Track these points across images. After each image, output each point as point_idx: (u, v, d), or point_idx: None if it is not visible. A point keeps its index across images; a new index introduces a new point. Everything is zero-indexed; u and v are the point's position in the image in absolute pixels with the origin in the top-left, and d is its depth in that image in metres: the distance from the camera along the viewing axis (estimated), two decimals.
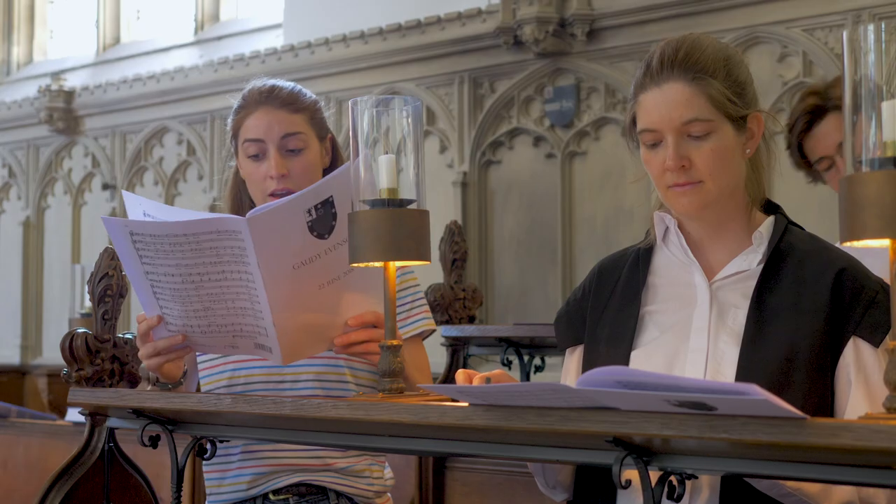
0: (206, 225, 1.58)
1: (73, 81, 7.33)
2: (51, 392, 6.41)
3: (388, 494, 1.98)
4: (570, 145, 5.15)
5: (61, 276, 7.35)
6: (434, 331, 1.97)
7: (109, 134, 7.18)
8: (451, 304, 3.14)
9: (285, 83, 1.94)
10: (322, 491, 1.88)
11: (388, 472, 1.98)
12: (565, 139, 5.15)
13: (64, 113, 7.24)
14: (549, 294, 5.14)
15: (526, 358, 3.08)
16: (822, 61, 4.53)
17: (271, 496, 1.87)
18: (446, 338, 3.15)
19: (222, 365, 1.90)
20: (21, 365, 7.26)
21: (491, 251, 5.32)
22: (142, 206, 1.67)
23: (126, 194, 1.72)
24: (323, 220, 1.60)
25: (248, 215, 1.57)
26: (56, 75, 7.36)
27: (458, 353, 3.19)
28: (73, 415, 4.04)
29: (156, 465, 2.33)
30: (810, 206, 3.84)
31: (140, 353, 1.73)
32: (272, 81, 1.94)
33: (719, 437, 1.16)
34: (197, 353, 1.92)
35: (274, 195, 1.86)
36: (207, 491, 1.94)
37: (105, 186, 7.18)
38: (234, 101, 1.95)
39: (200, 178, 6.76)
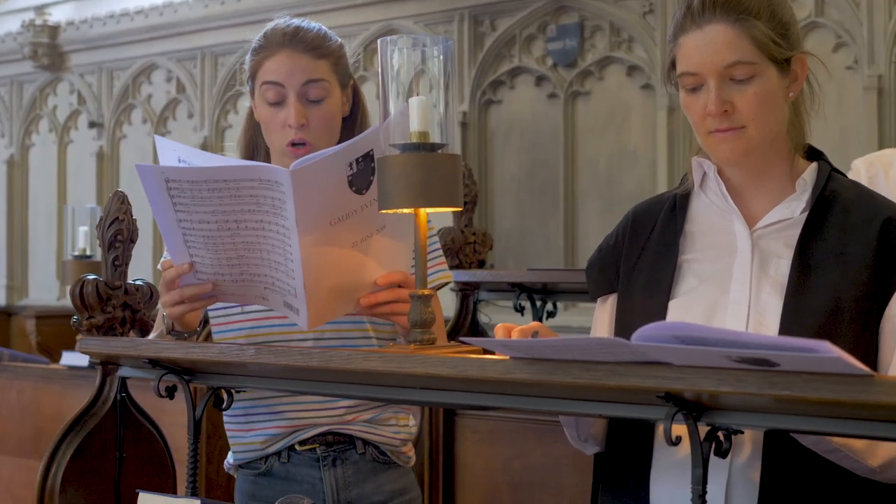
0: (248, 172, 1.53)
1: (57, 16, 7.18)
2: (39, 334, 6.34)
3: (411, 443, 1.95)
4: (573, 85, 5.08)
5: (47, 215, 7.27)
6: (450, 282, 1.93)
7: (96, 70, 7.05)
8: (461, 248, 3.09)
9: (310, 24, 1.84)
10: (349, 440, 1.86)
11: (412, 420, 1.95)
12: (568, 79, 5.08)
13: (49, 49, 7.10)
14: (550, 237, 5.11)
15: (539, 303, 3.06)
16: (834, 1, 4.46)
17: (297, 446, 1.85)
18: (456, 283, 3.12)
19: (240, 322, 1.85)
20: (7, 306, 7.20)
21: (491, 193, 5.27)
22: (176, 152, 1.61)
23: (159, 139, 1.66)
24: (363, 173, 1.55)
25: (291, 167, 1.51)
26: (40, 9, 7.20)
27: (469, 298, 3.15)
28: (69, 358, 4.00)
29: (163, 413, 2.29)
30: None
31: (163, 300, 1.68)
32: (297, 22, 1.84)
33: (781, 394, 1.12)
34: (210, 309, 1.87)
35: (293, 145, 1.80)
36: (231, 445, 1.91)
37: (92, 124, 7.08)
38: (254, 38, 1.85)
39: (191, 116, 6.66)
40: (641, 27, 4.94)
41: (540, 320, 3.06)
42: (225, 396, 1.70)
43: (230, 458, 1.91)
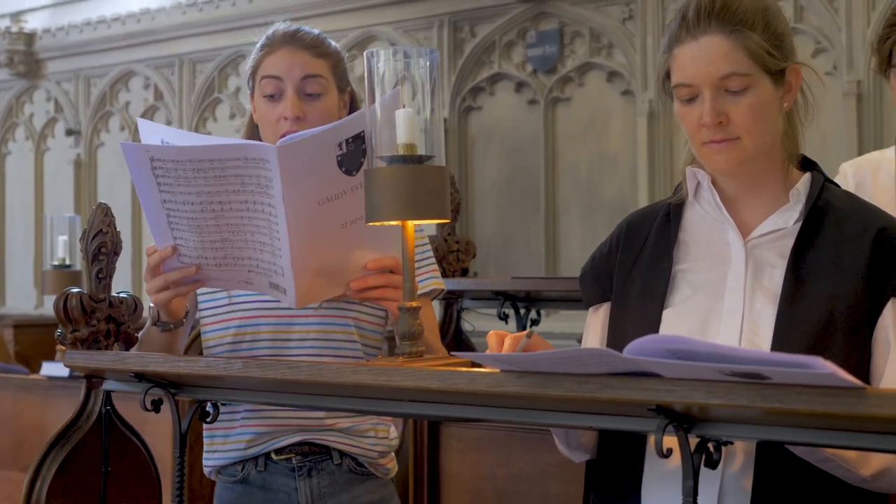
0: (233, 150, 1.52)
1: (33, 23, 7.13)
2: (17, 343, 6.28)
3: (392, 454, 1.94)
4: (552, 91, 5.08)
5: (24, 223, 7.21)
6: (443, 290, 1.92)
7: (73, 78, 7.00)
8: (444, 256, 3.09)
9: (310, 28, 1.91)
10: (325, 450, 1.85)
11: (393, 432, 1.94)
12: (548, 85, 5.08)
13: (25, 56, 7.05)
14: (531, 244, 5.10)
15: (522, 311, 3.05)
16: (813, 6, 4.48)
17: (273, 455, 1.84)
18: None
19: (227, 321, 1.85)
20: None
21: (472, 200, 5.26)
22: (160, 134, 1.60)
23: (141, 121, 1.65)
24: (353, 155, 1.54)
25: (278, 143, 1.50)
26: (16, 17, 7.15)
27: (452, 306, 3.14)
28: (49, 369, 3.96)
29: (146, 423, 2.26)
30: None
31: (148, 287, 1.68)
32: (297, 25, 1.91)
33: (772, 407, 1.12)
34: (200, 308, 1.86)
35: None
36: (205, 449, 1.90)
37: (69, 132, 7.03)
38: (257, 42, 1.91)
39: (169, 123, 6.62)
40: (621, 33, 4.95)
41: (524, 328, 3.06)
42: (210, 409, 1.68)
43: (207, 462, 1.90)
